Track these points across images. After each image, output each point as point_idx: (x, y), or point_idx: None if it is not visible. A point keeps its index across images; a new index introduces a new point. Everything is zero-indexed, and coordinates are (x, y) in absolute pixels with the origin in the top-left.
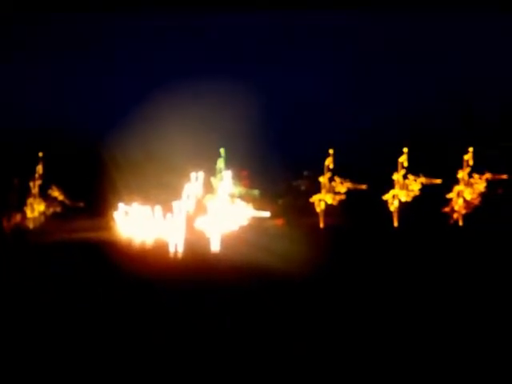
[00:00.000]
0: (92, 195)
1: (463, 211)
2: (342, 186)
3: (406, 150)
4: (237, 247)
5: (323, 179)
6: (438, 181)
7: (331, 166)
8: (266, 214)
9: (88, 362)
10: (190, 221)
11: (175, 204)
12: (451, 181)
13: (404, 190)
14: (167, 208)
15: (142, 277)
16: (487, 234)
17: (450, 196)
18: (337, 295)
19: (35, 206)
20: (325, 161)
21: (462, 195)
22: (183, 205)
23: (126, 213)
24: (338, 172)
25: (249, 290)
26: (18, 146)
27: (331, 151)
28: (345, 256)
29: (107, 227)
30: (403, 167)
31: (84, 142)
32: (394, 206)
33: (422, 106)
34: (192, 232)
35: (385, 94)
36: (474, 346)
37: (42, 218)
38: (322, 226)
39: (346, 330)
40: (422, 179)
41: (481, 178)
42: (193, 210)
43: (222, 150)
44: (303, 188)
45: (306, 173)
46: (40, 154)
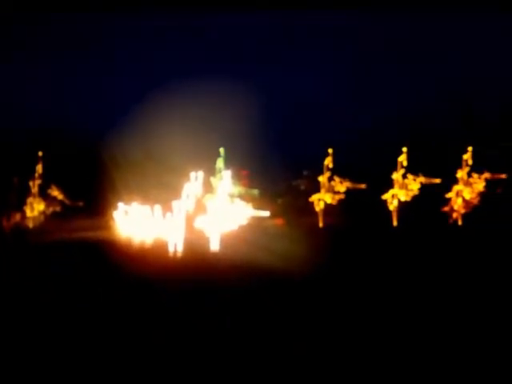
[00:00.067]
0: (92, 195)
1: (462, 211)
2: (342, 186)
3: (405, 149)
4: (236, 247)
5: (322, 179)
6: (438, 180)
7: (330, 165)
8: (266, 213)
9: (87, 361)
10: (190, 220)
11: (175, 203)
12: (450, 180)
13: (403, 189)
14: (167, 207)
15: (142, 276)
16: (486, 234)
17: (449, 195)
18: (336, 294)
19: (35, 206)
20: (324, 160)
21: (461, 195)
22: (183, 204)
23: (126, 212)
24: (338, 171)
25: (248, 290)
26: (18, 146)
27: (330, 151)
28: (344, 255)
29: (107, 227)
30: (402, 167)
31: (84, 141)
32: (393, 205)
33: (422, 105)
34: (192, 231)
35: (384, 94)
36: (474, 345)
37: (42, 218)
38: (321, 225)
39: (346, 329)
40: (422, 179)
41: (480, 178)
42: (192, 210)
43: (222, 150)
44: (303, 187)
45: (305, 172)
46: (40, 154)
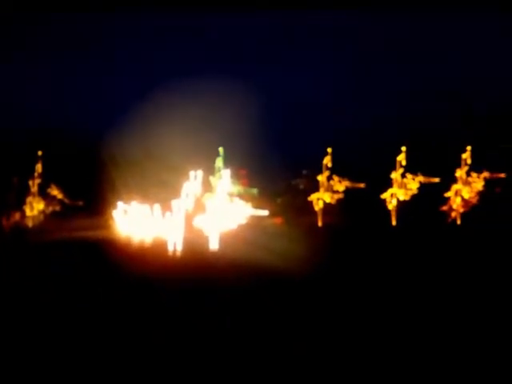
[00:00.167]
0: (91, 194)
1: (461, 210)
2: (341, 185)
3: (404, 148)
4: (235, 246)
5: (321, 178)
6: (436, 179)
7: (330, 164)
8: (265, 212)
9: (86, 360)
10: (189, 219)
11: (174, 202)
12: (449, 179)
13: (402, 188)
14: (166, 206)
15: (141, 275)
16: (485, 233)
17: (448, 195)
18: (335, 293)
19: (34, 205)
20: (323, 159)
21: (460, 194)
22: (182, 203)
23: (125, 211)
24: (337, 171)
25: (247, 288)
26: (18, 145)
27: (329, 150)
28: (343, 254)
29: (106, 226)
30: (401, 166)
31: (83, 141)
32: (392, 204)
33: (421, 105)
34: (191, 230)
35: (383, 94)
36: (472, 344)
37: (42, 217)
38: (320, 224)
39: (345, 328)
40: (421, 178)
41: (479, 177)
42: (192, 209)
43: (221, 149)
44: (302, 187)
45: (304, 171)
46: (39, 153)
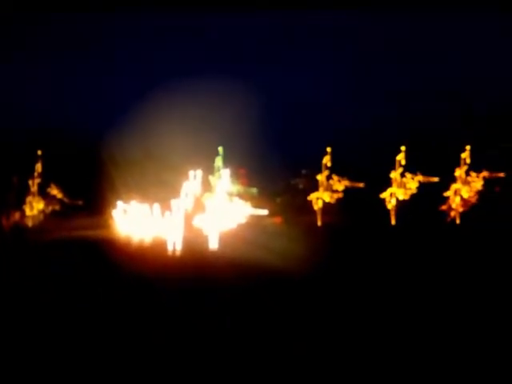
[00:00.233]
0: (91, 193)
1: (460, 209)
2: (340, 184)
3: (403, 148)
4: (235, 245)
5: (321, 177)
6: (436, 179)
7: (329, 164)
8: (264, 211)
9: (86, 358)
10: (189, 219)
11: (174, 202)
12: (449, 179)
13: (401, 188)
14: (166, 206)
15: (141, 274)
16: (484, 232)
17: (447, 194)
18: (335, 292)
19: (34, 204)
20: (322, 159)
21: (460, 193)
22: (182, 203)
23: (125, 211)
24: (336, 170)
25: (247, 288)
26: (18, 145)
27: (329, 149)
28: (342, 253)
29: (106, 225)
30: (401, 165)
31: (83, 140)
32: (391, 204)
33: (420, 105)
34: (190, 230)
35: (383, 94)
36: (472, 343)
37: (41, 216)
38: (319, 223)
39: (344, 327)
40: (420, 177)
41: (478, 177)
42: (191, 208)
43: (221, 149)
44: (301, 186)
45: (303, 171)
46: (39, 153)
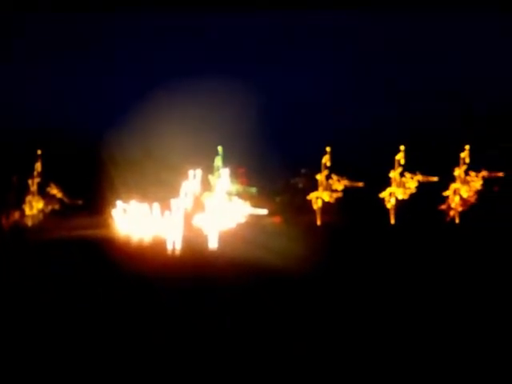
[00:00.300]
0: (90, 193)
1: (459, 209)
2: (339, 184)
3: (402, 147)
4: (234, 244)
5: (320, 177)
6: (435, 178)
7: (328, 163)
8: (264, 211)
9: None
10: (188, 218)
11: (173, 201)
12: (448, 178)
13: (401, 187)
14: (165, 205)
15: (141, 274)
16: (483, 232)
17: (446, 194)
18: (334, 292)
19: (34, 204)
20: (322, 158)
21: (459, 193)
22: (181, 202)
23: (125, 210)
24: (335, 170)
25: (246, 287)
26: (17, 145)
27: (328, 149)
28: (342, 253)
29: (105, 224)
30: (400, 165)
31: (82, 140)
32: (390, 203)
33: (419, 104)
34: (190, 229)
35: (383, 93)
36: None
37: (41, 216)
38: (319, 223)
39: (343, 327)
40: (419, 177)
41: (477, 176)
42: (191, 208)
43: (220, 148)
44: (300, 185)
45: (303, 170)
46: (39, 152)
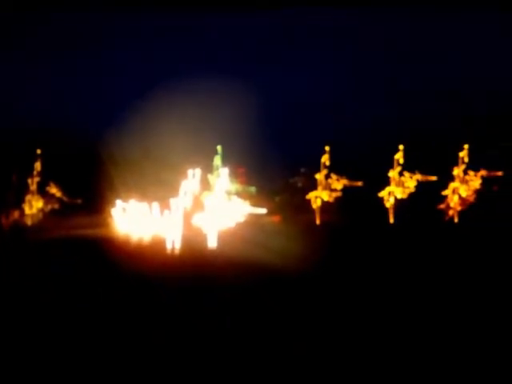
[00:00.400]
0: (90, 192)
1: (458, 208)
2: (339, 183)
3: (401, 147)
4: (234, 244)
5: (319, 176)
6: (434, 178)
7: (327, 163)
8: (263, 210)
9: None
10: (187, 217)
11: (172, 201)
12: (447, 178)
13: (400, 186)
14: (164, 205)
15: (140, 273)
16: (482, 231)
17: (445, 193)
18: (333, 292)
19: (33, 203)
20: (321, 158)
21: (458, 192)
22: (180, 202)
23: (124, 209)
24: (335, 169)
25: (246, 287)
26: (17, 144)
27: (328, 148)
28: (341, 253)
29: (105, 224)
30: (399, 164)
31: (82, 139)
32: (389, 202)
33: (418, 104)
34: (189, 229)
35: (382, 93)
36: (471, 343)
37: (40, 215)
38: (318, 222)
39: (343, 326)
40: (418, 176)
41: (476, 175)
42: (190, 207)
43: (219, 148)
44: (300, 185)
45: (302, 170)
46: (38, 151)
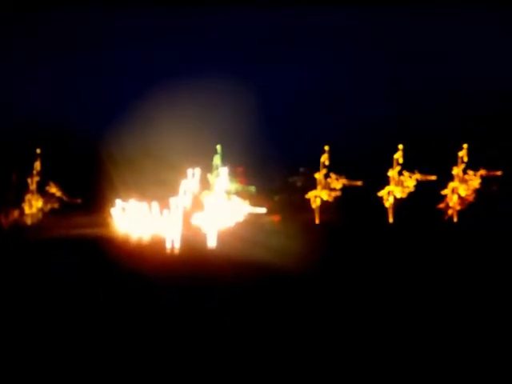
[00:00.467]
0: (89, 191)
1: (458, 207)
2: (338, 183)
3: (401, 146)
4: (233, 243)
5: (319, 176)
6: (433, 177)
7: (327, 162)
8: (262, 210)
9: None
10: (187, 217)
11: (172, 200)
12: (446, 177)
13: (399, 186)
14: (164, 204)
15: (139, 273)
16: (482, 231)
17: (444, 192)
18: (333, 291)
19: (33, 203)
20: (320, 157)
21: (457, 192)
22: (180, 201)
23: (124, 209)
24: (334, 168)
25: (245, 286)
26: (16, 143)
27: (327, 148)
28: (340, 252)
29: (105, 223)
30: (398, 164)
31: (81, 138)
32: (389, 202)
33: (418, 104)
34: (189, 228)
35: (382, 93)
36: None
37: (40, 215)
38: (317, 221)
39: (342, 326)
40: (417, 176)
41: (475, 175)
42: (189, 207)
43: (219, 147)
44: (299, 184)
45: (301, 169)
46: (38, 151)
